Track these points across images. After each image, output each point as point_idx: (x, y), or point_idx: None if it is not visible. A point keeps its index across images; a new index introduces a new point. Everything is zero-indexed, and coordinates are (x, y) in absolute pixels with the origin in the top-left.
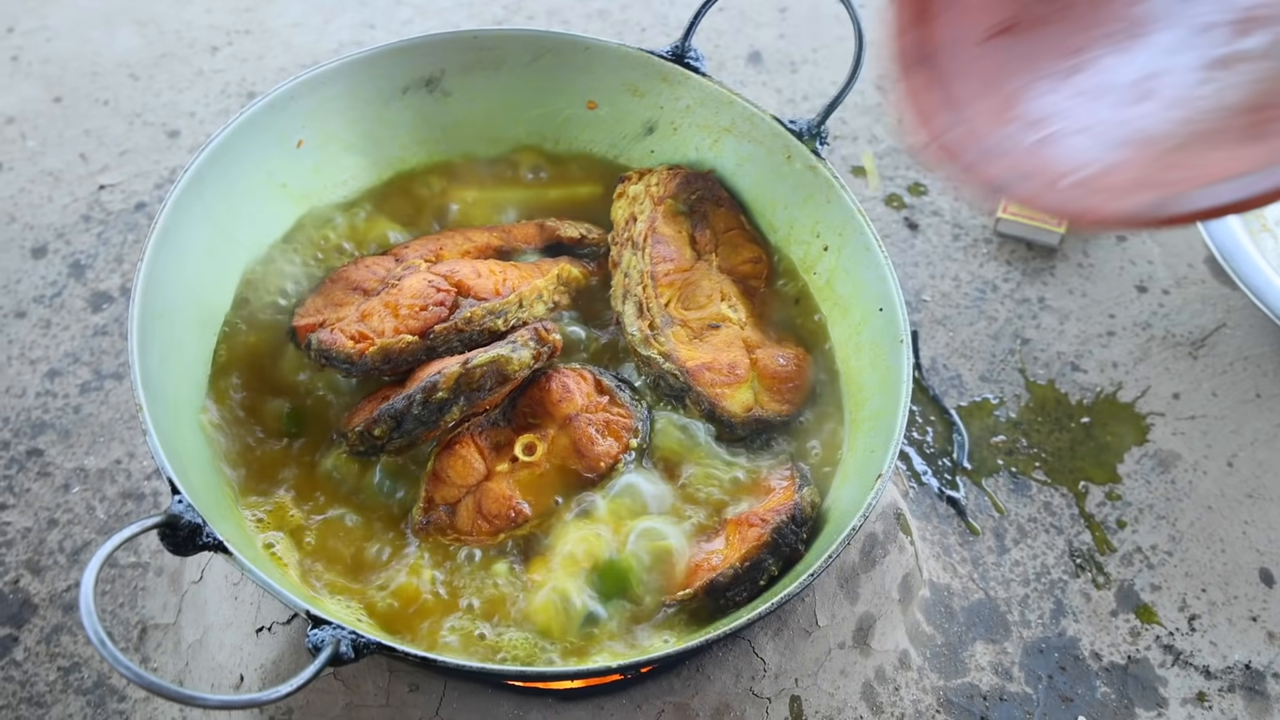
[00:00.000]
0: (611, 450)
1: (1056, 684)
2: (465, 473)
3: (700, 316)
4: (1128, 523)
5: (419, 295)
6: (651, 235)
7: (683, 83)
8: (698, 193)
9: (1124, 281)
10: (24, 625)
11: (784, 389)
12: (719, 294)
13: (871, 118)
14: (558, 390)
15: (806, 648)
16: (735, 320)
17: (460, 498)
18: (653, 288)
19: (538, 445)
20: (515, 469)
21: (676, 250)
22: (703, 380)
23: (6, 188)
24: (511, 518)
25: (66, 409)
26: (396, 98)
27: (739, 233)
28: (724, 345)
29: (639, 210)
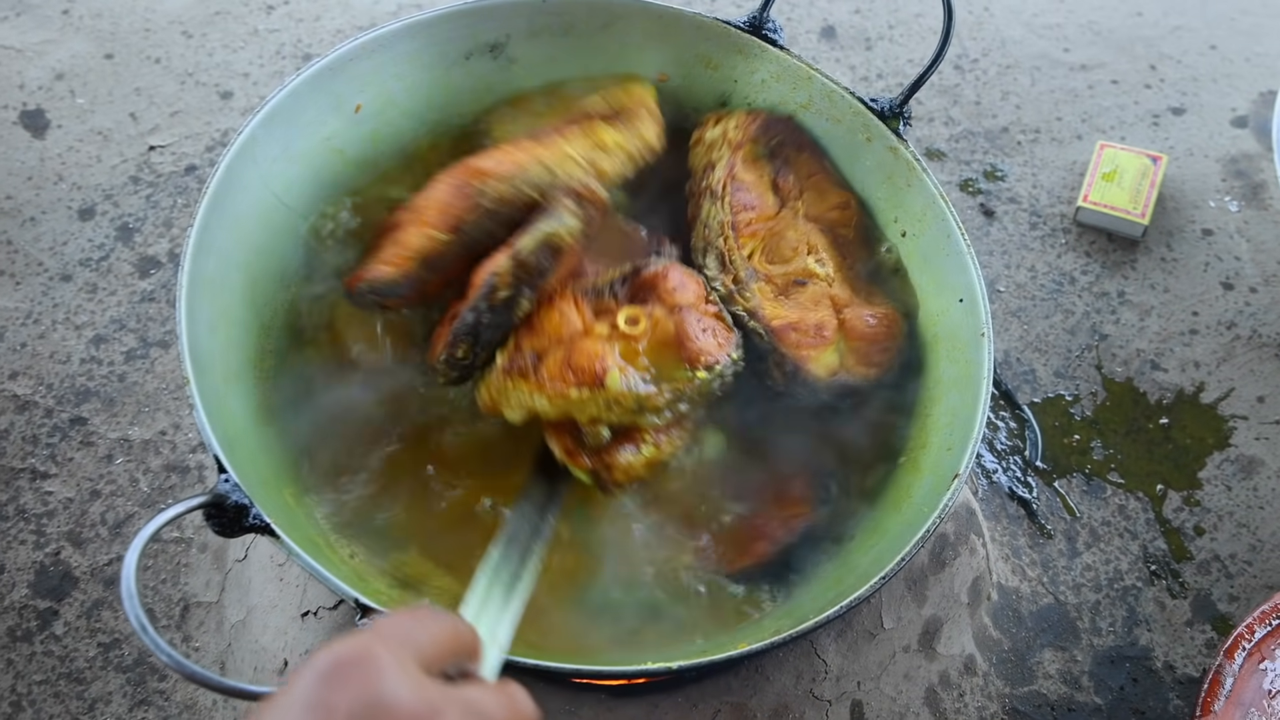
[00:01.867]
0: (712, 350)
1: (1127, 695)
2: (560, 325)
3: (786, 271)
4: (1206, 530)
5: (438, 199)
6: (731, 182)
7: (759, 56)
8: (778, 137)
9: (1209, 278)
10: (64, 599)
11: (871, 351)
12: (805, 246)
13: (948, 99)
14: (675, 279)
15: (870, 650)
16: (823, 276)
17: (549, 348)
18: (734, 239)
19: (642, 319)
20: (613, 335)
21: (758, 197)
22: (788, 341)
23: (55, 146)
24: (597, 375)
25: (111, 377)
26: (459, 63)
27: (823, 177)
28: (811, 304)
29: (717, 156)
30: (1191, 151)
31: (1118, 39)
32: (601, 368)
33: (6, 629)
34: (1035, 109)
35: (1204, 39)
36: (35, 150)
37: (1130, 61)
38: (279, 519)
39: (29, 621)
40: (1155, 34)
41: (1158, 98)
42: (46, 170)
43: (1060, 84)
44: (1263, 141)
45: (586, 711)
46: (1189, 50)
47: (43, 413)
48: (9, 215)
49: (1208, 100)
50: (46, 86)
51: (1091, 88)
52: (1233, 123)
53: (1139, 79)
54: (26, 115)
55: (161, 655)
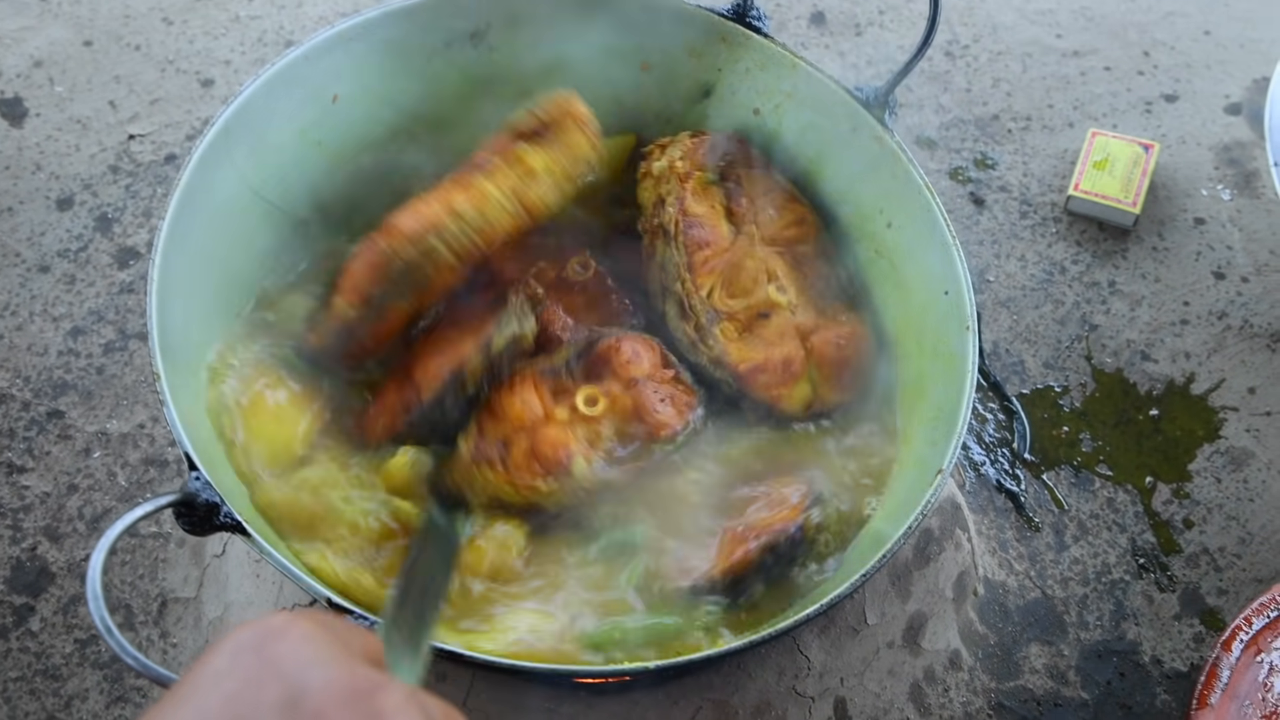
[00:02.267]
0: (672, 421)
1: (1114, 690)
2: (523, 413)
3: (747, 305)
4: (1195, 523)
5: (357, 265)
6: (683, 219)
7: (743, 44)
8: (727, 158)
9: (1201, 267)
10: (41, 595)
11: (843, 375)
12: (764, 274)
13: (939, 85)
14: (628, 352)
15: (854, 646)
16: (785, 304)
17: (513, 436)
18: (691, 281)
19: (600, 399)
20: (574, 419)
21: (712, 230)
22: (757, 384)
23: (33, 135)
24: (563, 464)
25: (89, 369)
26: (439, 52)
27: (778, 194)
28: (776, 338)
29: (665, 191)
30: (1184, 139)
31: (1111, 24)
32: (566, 456)
33: None
34: (1026, 96)
35: (1198, 24)
36: (13, 139)
37: (1123, 47)
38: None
39: (4, 618)
40: (1149, 19)
41: (1151, 84)
42: (24, 160)
43: (1052, 70)
44: (1256, 129)
45: (566, 709)
46: (1183, 36)
47: (19, 406)
48: None
49: (1201, 87)
50: (24, 74)
51: (1084, 74)
52: (1226, 110)
53: (1132, 65)
54: (4, 104)
55: (126, 658)
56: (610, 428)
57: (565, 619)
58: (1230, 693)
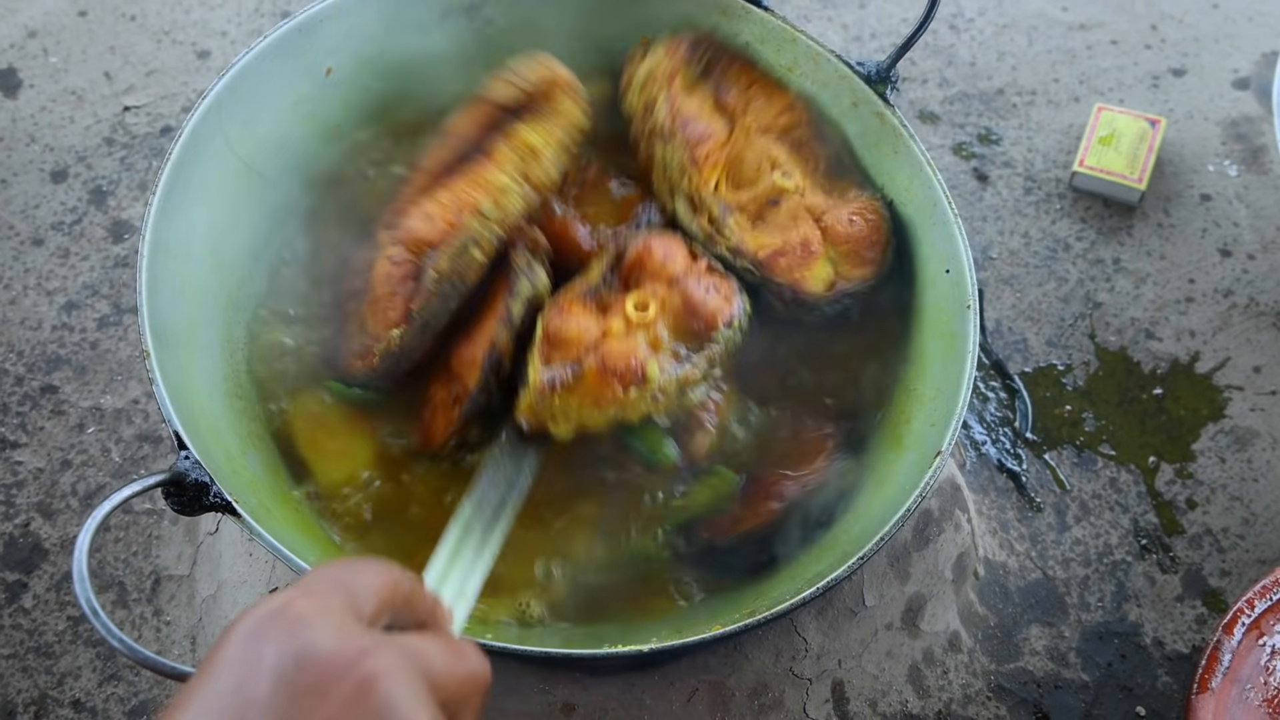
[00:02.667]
0: (723, 307)
1: (1115, 672)
2: (581, 334)
3: (755, 194)
4: (1198, 503)
5: (385, 281)
6: (677, 118)
7: (742, 17)
8: (706, 54)
9: (1206, 244)
10: (33, 571)
11: (861, 249)
12: (768, 162)
13: (943, 59)
14: (660, 252)
15: (851, 628)
16: (793, 188)
17: (582, 357)
18: (698, 175)
19: (649, 302)
20: (631, 328)
21: (707, 125)
22: (779, 268)
23: (27, 106)
24: (637, 372)
25: (83, 344)
26: (435, 24)
27: (762, 84)
28: (789, 221)
29: (654, 94)
30: (1191, 114)
31: None
32: (639, 364)
33: None
34: (1032, 70)
35: None
36: (7, 110)
37: (1130, 21)
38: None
39: None
40: None
41: (1158, 58)
42: (18, 131)
43: (1058, 44)
44: (1264, 104)
45: (562, 689)
46: (1191, 9)
47: (13, 380)
48: None
49: (1209, 61)
50: (18, 44)
51: (1090, 48)
52: (1234, 84)
53: (1139, 39)
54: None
55: (113, 640)
56: (667, 328)
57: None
58: (1231, 677)
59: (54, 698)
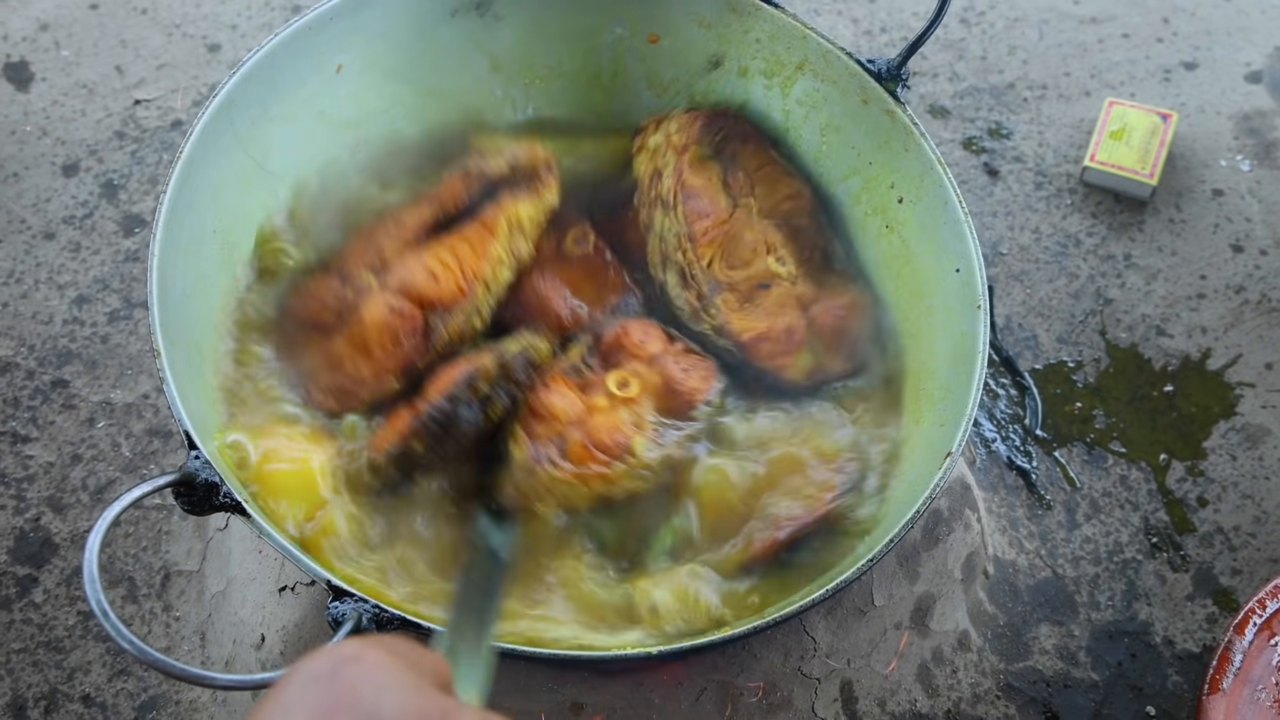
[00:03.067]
0: (702, 386)
1: (1125, 671)
2: (566, 409)
3: (747, 275)
4: (1210, 501)
5: (384, 327)
6: (681, 191)
7: (753, 14)
8: (722, 133)
9: (1218, 240)
10: (44, 566)
11: (844, 343)
12: (764, 245)
13: (954, 53)
14: (638, 334)
15: (860, 628)
16: (785, 275)
17: (565, 432)
18: (693, 250)
19: (631, 380)
20: (614, 404)
21: (710, 202)
22: (761, 353)
23: (39, 100)
24: (624, 447)
25: (94, 338)
26: (444, 20)
27: (773, 168)
28: (777, 308)
29: (662, 164)
30: (1203, 108)
31: None
32: (625, 438)
33: None
34: (1043, 64)
35: None
36: (19, 104)
37: (1142, 14)
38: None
39: (8, 588)
40: None
41: (1170, 52)
42: (30, 124)
43: (1069, 38)
44: (1276, 98)
45: (570, 689)
46: (1203, 2)
47: (24, 374)
48: None
49: (1221, 54)
50: (30, 38)
51: (1101, 42)
52: (1246, 78)
53: (1151, 32)
54: (10, 68)
55: (122, 642)
56: (648, 405)
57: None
58: (1243, 677)
59: (64, 692)
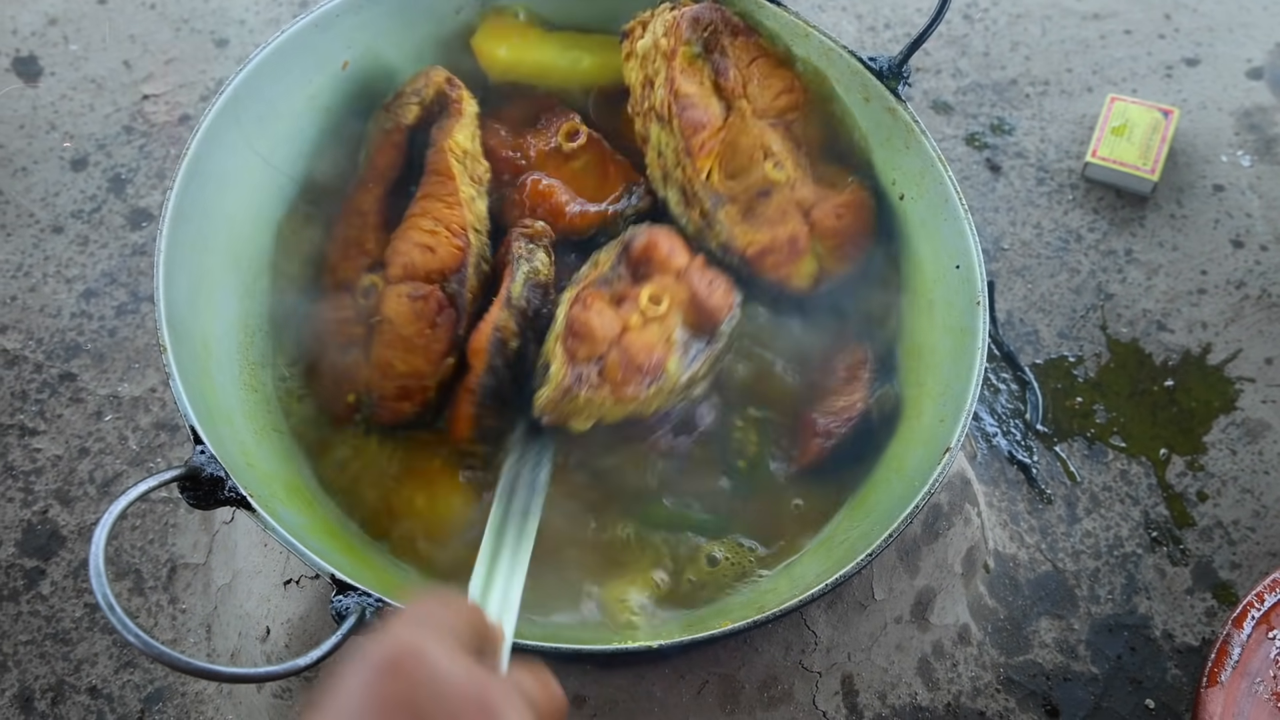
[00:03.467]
0: (723, 304)
1: (1125, 664)
2: (605, 329)
3: (747, 185)
4: (1209, 495)
5: (412, 317)
6: (675, 102)
7: (756, 11)
8: (710, 27)
9: (1219, 235)
10: (51, 558)
11: (846, 245)
12: (760, 150)
13: (956, 49)
14: (665, 247)
15: (861, 621)
16: (784, 180)
17: (605, 352)
18: (692, 165)
19: (663, 296)
20: (647, 321)
21: (705, 110)
22: (766, 266)
23: (47, 94)
24: (658, 367)
25: (102, 332)
26: (449, 16)
27: (764, 60)
28: (779, 216)
29: (653, 71)
30: (1204, 104)
31: None
32: (659, 358)
33: None
34: (1045, 60)
35: None
36: (28, 98)
37: (1144, 10)
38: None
39: (15, 581)
40: None
41: (1171, 48)
42: (39, 119)
43: (1072, 34)
44: (1277, 94)
45: (573, 681)
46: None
47: (32, 368)
48: (0, 165)
49: (1223, 51)
50: (40, 32)
51: (1104, 38)
52: (1248, 74)
53: (1153, 28)
54: (19, 62)
55: (128, 635)
56: (677, 321)
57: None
58: (1241, 670)
59: (71, 684)
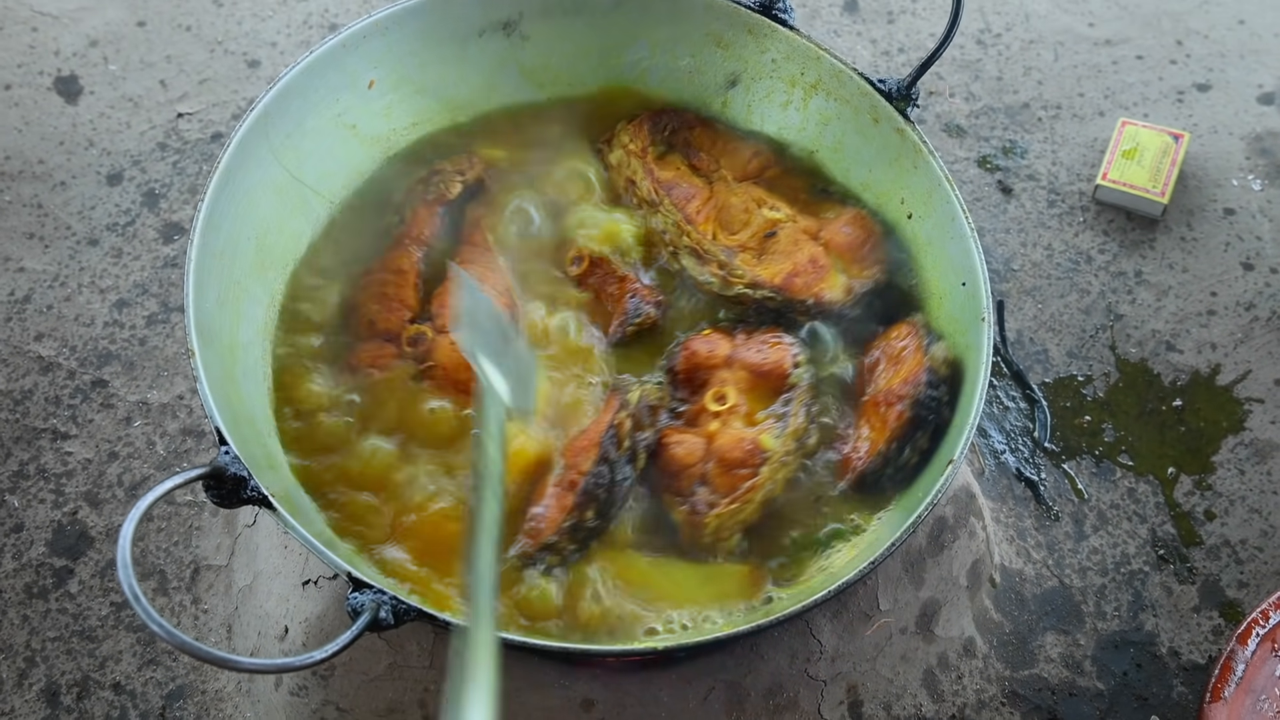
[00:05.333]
0: (785, 355)
1: (1131, 681)
2: (691, 452)
3: (752, 233)
4: (1217, 514)
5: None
6: (659, 187)
7: (769, 35)
8: (669, 126)
9: (1229, 257)
10: (80, 558)
11: (864, 253)
12: (754, 202)
13: (969, 74)
14: (703, 347)
15: (866, 631)
16: (785, 217)
17: (703, 472)
18: (695, 230)
19: (725, 391)
20: (725, 419)
21: (689, 186)
22: (797, 288)
23: (86, 112)
24: (757, 452)
25: (133, 340)
26: (472, 40)
27: (726, 140)
28: (791, 246)
29: (630, 172)
30: (1216, 129)
31: (1144, 13)
32: (752, 444)
33: (23, 585)
34: (1057, 85)
35: (1233, 13)
36: (68, 116)
37: (1156, 36)
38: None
39: (45, 579)
40: (1183, 8)
41: (1183, 73)
42: (78, 135)
43: (1084, 59)
44: None
45: (581, 685)
46: (1217, 25)
47: (65, 374)
48: (40, 179)
49: (1234, 76)
50: (80, 53)
51: (1116, 63)
52: (1259, 99)
53: (1164, 54)
54: (60, 81)
55: (153, 625)
56: (749, 402)
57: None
58: (1245, 687)
59: (96, 680)
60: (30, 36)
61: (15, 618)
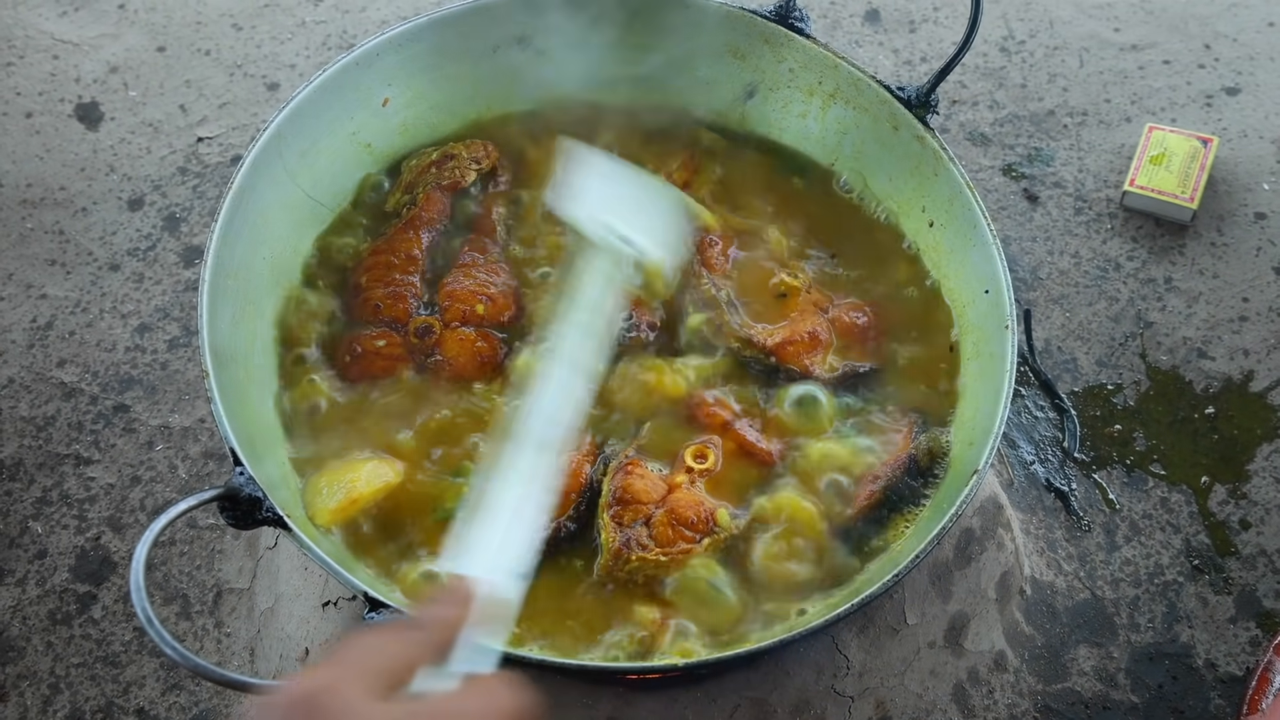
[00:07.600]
0: (775, 450)
1: (1166, 694)
2: (650, 490)
3: (763, 293)
4: (1253, 523)
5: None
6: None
7: (786, 45)
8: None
9: (1261, 263)
10: (103, 583)
11: (867, 340)
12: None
13: (993, 81)
14: (711, 404)
15: (894, 646)
16: (799, 285)
17: (651, 514)
18: (709, 279)
19: (708, 452)
20: (694, 478)
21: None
22: (789, 354)
23: (107, 138)
24: (708, 521)
25: (154, 365)
26: (487, 55)
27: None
28: (797, 315)
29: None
30: (1245, 133)
31: (1171, 17)
32: (708, 513)
33: (47, 612)
34: (1083, 91)
35: (1262, 15)
36: (89, 142)
37: (1183, 40)
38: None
39: (68, 605)
40: (1210, 11)
41: (1211, 77)
42: (98, 161)
43: (1110, 65)
44: None
45: (604, 705)
46: (1245, 28)
47: (88, 400)
48: (62, 206)
49: (1264, 79)
50: (101, 80)
51: (1142, 68)
52: None
53: (1192, 58)
54: (81, 108)
55: (165, 648)
56: (728, 471)
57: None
58: None
59: (119, 705)
60: (51, 64)
61: (39, 644)
